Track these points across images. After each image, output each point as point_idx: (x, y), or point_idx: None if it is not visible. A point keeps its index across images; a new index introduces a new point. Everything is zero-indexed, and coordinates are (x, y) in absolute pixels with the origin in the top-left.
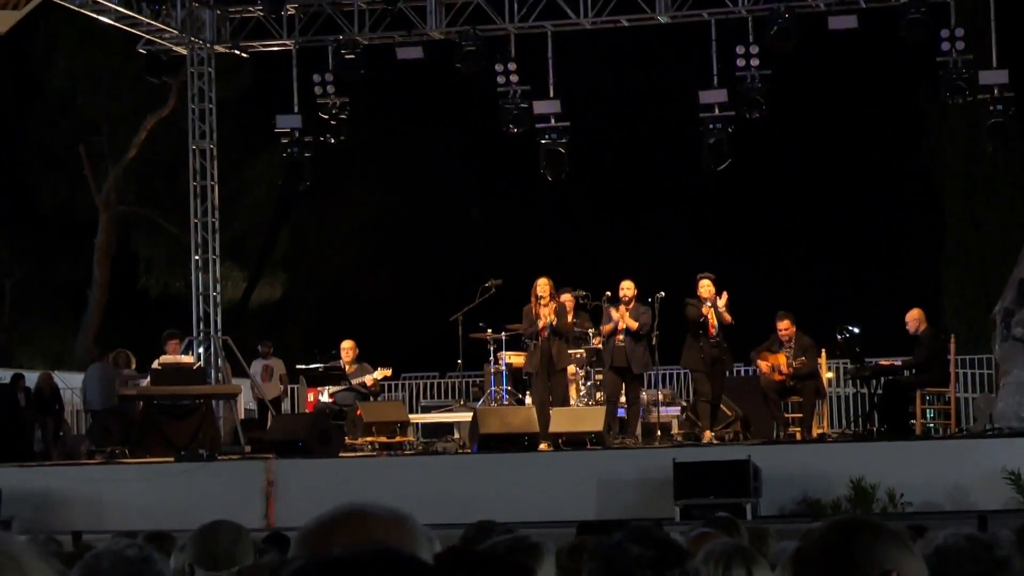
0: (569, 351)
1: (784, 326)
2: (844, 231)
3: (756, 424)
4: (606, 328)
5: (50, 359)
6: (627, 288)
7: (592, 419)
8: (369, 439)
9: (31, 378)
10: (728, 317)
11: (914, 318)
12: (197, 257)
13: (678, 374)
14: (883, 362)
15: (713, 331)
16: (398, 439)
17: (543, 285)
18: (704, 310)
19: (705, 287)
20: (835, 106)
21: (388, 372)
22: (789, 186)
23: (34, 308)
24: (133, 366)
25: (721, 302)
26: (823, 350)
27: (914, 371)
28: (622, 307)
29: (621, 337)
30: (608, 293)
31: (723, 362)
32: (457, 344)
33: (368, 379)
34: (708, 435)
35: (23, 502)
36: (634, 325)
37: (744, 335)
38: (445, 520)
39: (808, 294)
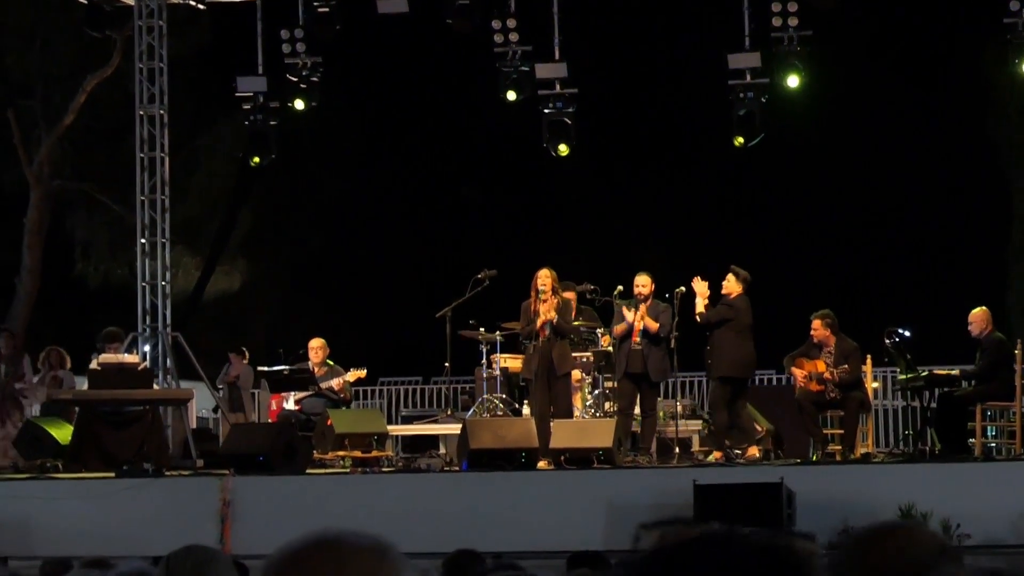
0: (574, 354)
1: (813, 327)
2: (893, 218)
3: (790, 441)
4: (618, 329)
5: None
6: (643, 284)
7: (600, 433)
8: (341, 453)
9: None
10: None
11: (979, 319)
12: (143, 240)
13: (699, 382)
14: (938, 371)
15: None
16: (375, 454)
17: (544, 277)
18: None
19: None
20: (885, 73)
21: (362, 373)
22: (831, 166)
23: None
24: (68, 366)
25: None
26: (868, 356)
27: (974, 382)
28: (643, 307)
29: (638, 339)
30: (620, 288)
31: None
32: (444, 344)
33: (336, 382)
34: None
35: None
36: (654, 326)
37: (777, 339)
38: (429, 549)
39: (851, 291)
